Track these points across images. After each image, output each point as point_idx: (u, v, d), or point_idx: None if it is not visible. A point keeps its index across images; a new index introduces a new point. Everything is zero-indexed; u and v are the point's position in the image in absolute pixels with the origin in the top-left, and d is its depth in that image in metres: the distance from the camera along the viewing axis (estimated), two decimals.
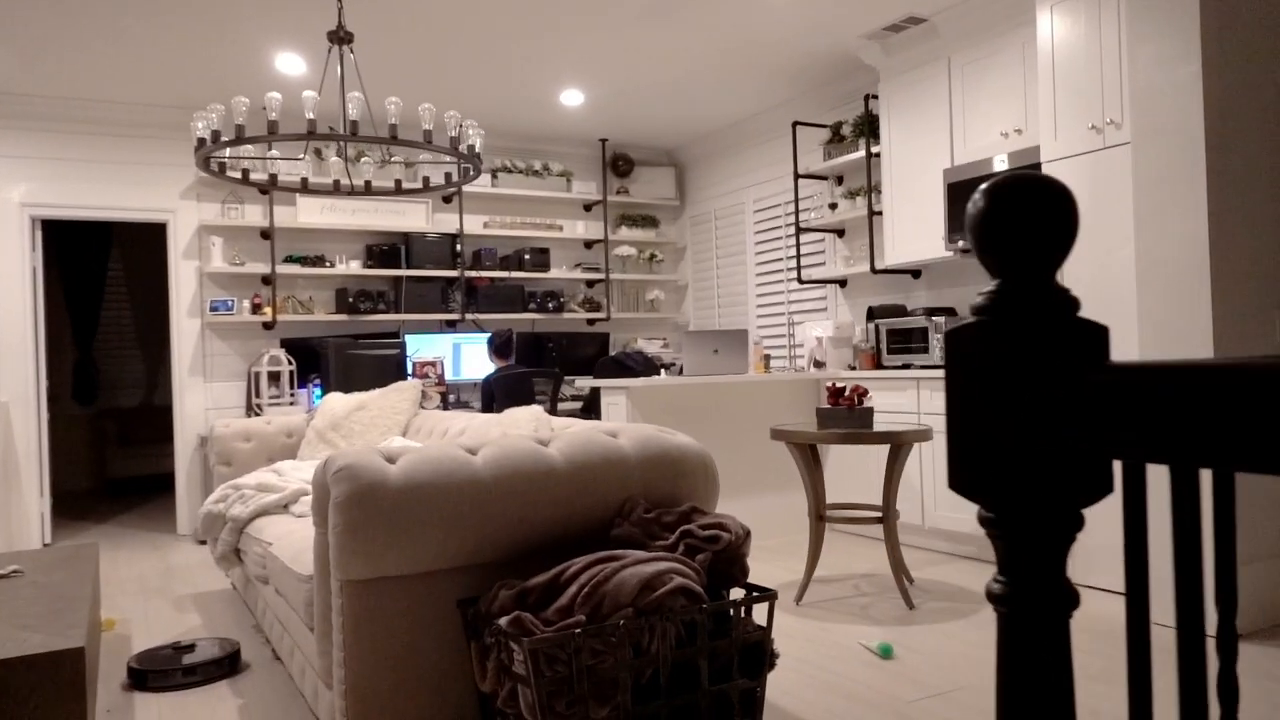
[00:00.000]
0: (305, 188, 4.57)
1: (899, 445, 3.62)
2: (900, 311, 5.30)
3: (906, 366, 4.95)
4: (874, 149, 5.25)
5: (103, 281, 8.62)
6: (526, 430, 2.59)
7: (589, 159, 7.17)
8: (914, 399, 4.61)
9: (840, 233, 5.89)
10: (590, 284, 7.21)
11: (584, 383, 5.15)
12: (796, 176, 5.80)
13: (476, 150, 4.05)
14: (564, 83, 5.56)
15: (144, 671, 3.09)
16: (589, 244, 7.18)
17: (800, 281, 5.87)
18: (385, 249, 6.31)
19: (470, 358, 6.66)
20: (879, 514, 3.66)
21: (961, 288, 5.09)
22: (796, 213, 5.85)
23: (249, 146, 5.45)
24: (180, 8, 4.22)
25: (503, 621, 1.85)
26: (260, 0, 4.14)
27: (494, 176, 6.65)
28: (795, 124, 5.78)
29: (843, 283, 5.87)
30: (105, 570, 4.93)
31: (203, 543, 5.59)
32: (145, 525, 6.36)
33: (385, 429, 4.07)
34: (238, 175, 4.17)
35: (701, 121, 6.57)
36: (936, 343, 4.78)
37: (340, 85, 3.95)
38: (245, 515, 3.28)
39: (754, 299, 6.69)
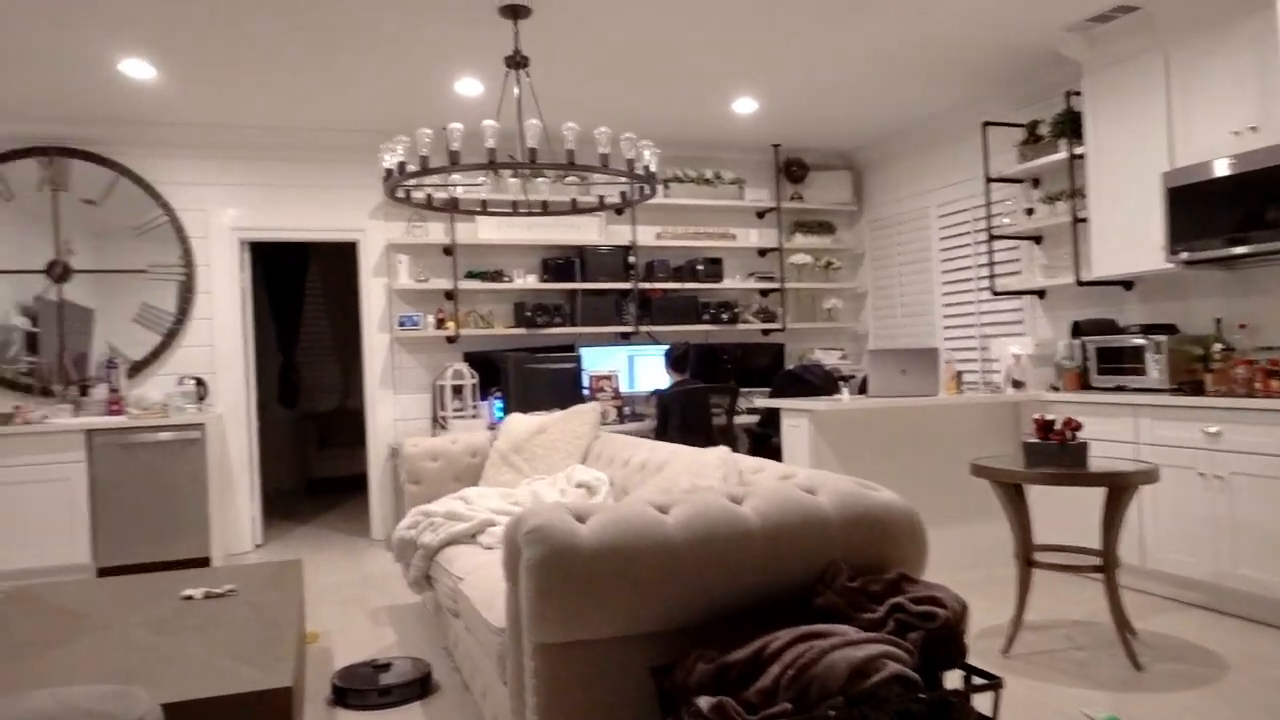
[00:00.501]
0: (484, 209, 4.65)
1: (1122, 488, 3.27)
2: (1111, 327, 4.84)
3: (1120, 389, 4.51)
4: (1077, 150, 4.81)
5: (302, 294, 9.20)
6: (715, 476, 2.48)
7: (761, 165, 6.99)
8: (1130, 428, 4.19)
9: (1038, 240, 5.45)
10: (764, 293, 7.04)
11: (764, 402, 5.00)
12: (988, 180, 5.41)
13: (652, 170, 3.98)
14: (737, 91, 5.42)
15: (345, 689, 3.22)
16: (762, 252, 7.02)
17: (994, 293, 5.49)
18: (560, 262, 6.38)
19: (644, 370, 6.64)
20: (1098, 561, 3.33)
21: (1182, 302, 4.59)
22: (989, 219, 5.47)
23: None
24: (366, 41, 4.37)
25: (703, 704, 1.75)
26: (441, 30, 4.22)
27: (665, 186, 6.59)
28: (985, 124, 5.39)
29: (1041, 294, 5.44)
30: (308, 574, 5.22)
31: None
32: (343, 527, 6.72)
33: (566, 454, 4.07)
34: (422, 200, 4.28)
35: (880, 123, 6.27)
36: (1155, 364, 4.33)
37: (517, 109, 3.98)
38: (435, 544, 3.34)
39: (940, 310, 6.32)
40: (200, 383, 5.71)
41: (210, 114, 5.53)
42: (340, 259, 9.21)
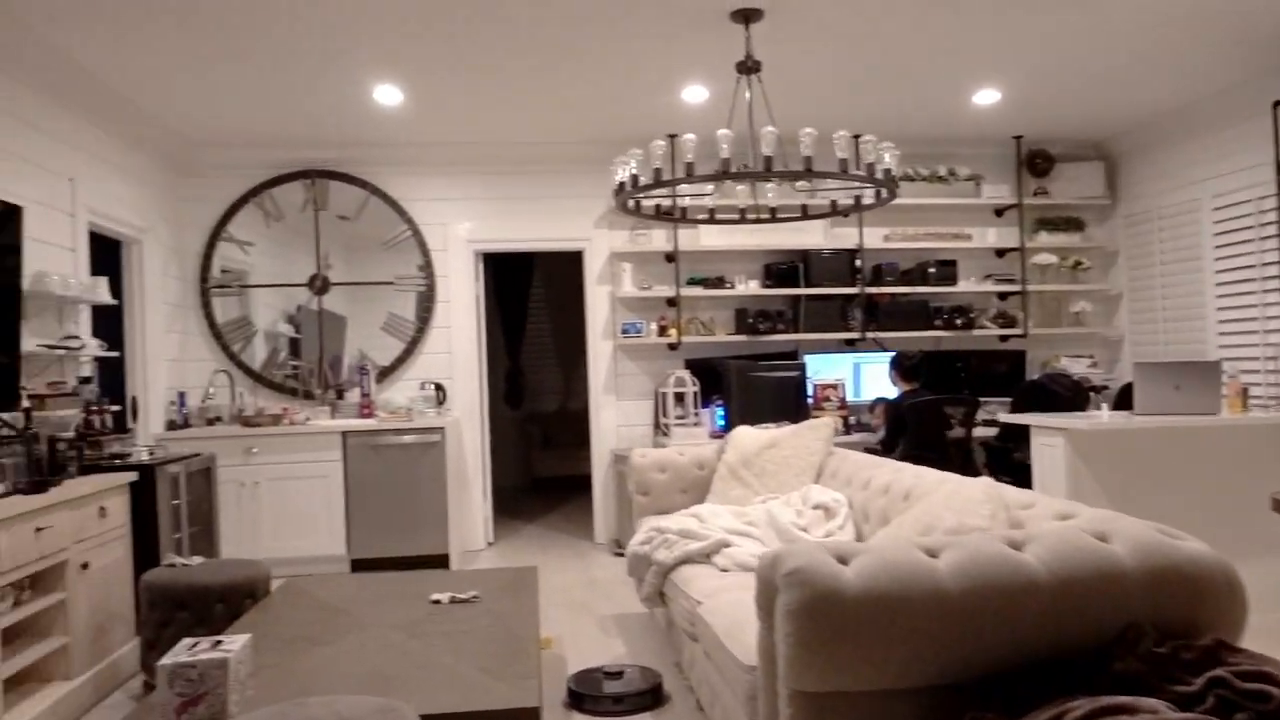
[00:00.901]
0: (712, 218, 4.57)
1: None
2: None
3: None
4: None
5: (527, 300, 9.56)
6: (982, 513, 2.25)
7: (999, 159, 6.51)
8: None
9: None
10: (1003, 296, 6.55)
11: (1010, 418, 4.62)
12: None
13: (892, 174, 3.75)
14: (978, 82, 5.04)
15: (580, 694, 3.25)
16: (1001, 253, 6.53)
17: None
18: (784, 267, 6.22)
19: (870, 379, 6.36)
20: None
21: None
22: (1279, 212, 4.79)
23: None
24: (594, 56, 4.41)
25: None
26: (668, 41, 4.18)
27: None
28: (1277, 104, 4.72)
29: None
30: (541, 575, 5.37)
31: (620, 553, 5.90)
32: (566, 528, 6.89)
33: (799, 470, 3.92)
34: (651, 211, 4.27)
35: (1140, 107, 5.64)
36: None
37: (749, 115, 3.86)
38: (669, 562, 3.30)
39: (1214, 316, 5.62)
40: (439, 388, 6.02)
41: (449, 133, 5.80)
42: (562, 266, 9.49)
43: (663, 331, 6.18)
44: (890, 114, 5.60)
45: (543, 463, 9.47)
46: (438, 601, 3.36)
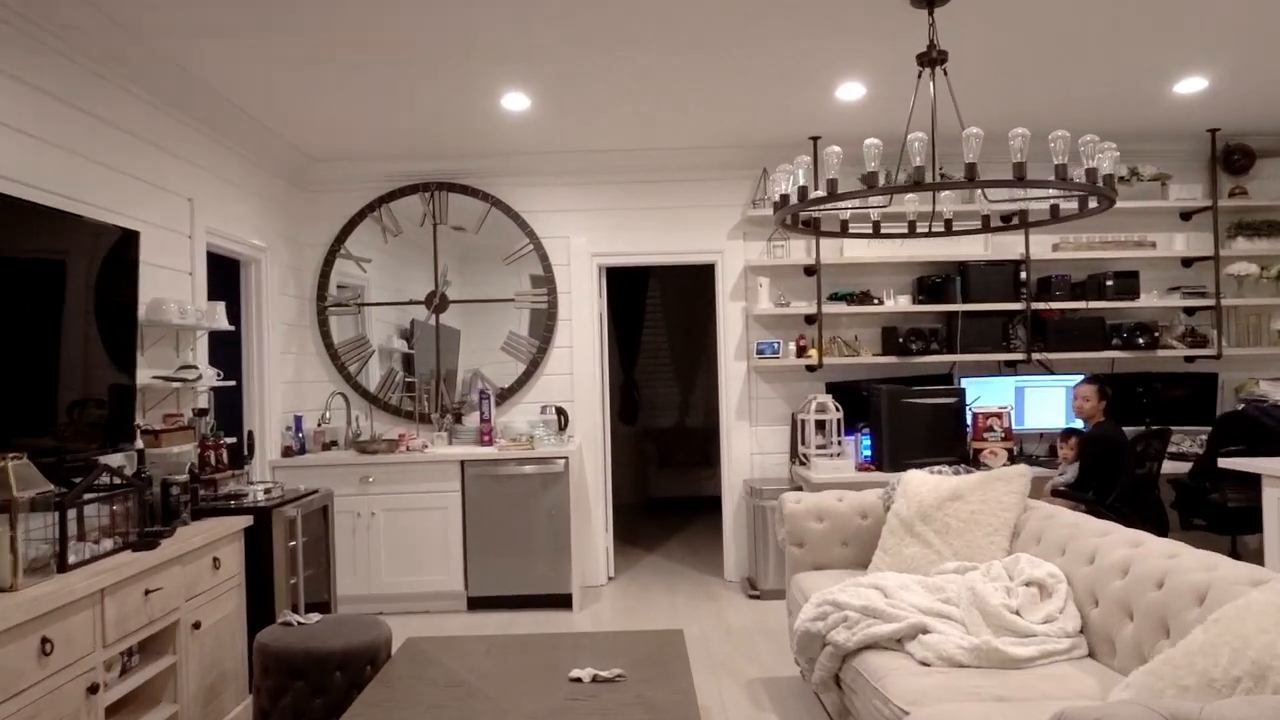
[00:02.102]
0: (877, 232, 4.03)
1: None
2: None
3: None
4: None
5: (643, 311, 9.14)
6: None
7: (1190, 156, 5.73)
8: None
9: None
10: (1190, 312, 5.77)
11: (1238, 463, 3.92)
12: None
13: (1113, 178, 3.14)
14: (1183, 69, 4.34)
15: None
16: (1187, 262, 5.76)
17: None
18: (937, 281, 5.60)
19: (1035, 405, 5.67)
20: None
21: None
22: None
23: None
24: (741, 54, 3.92)
25: None
26: (825, 31, 3.66)
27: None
28: None
29: None
30: (666, 618, 4.92)
31: (755, 595, 5.40)
32: (691, 561, 6.42)
33: (990, 530, 3.34)
34: (807, 225, 3.75)
35: None
36: None
37: (932, 112, 3.31)
38: (851, 646, 2.78)
39: None
40: (561, 412, 5.63)
41: (573, 140, 5.41)
42: (680, 276, 9.03)
43: (801, 352, 5.65)
44: (1071, 106, 4.92)
45: (659, 482, 9.02)
46: (578, 680, 2.93)
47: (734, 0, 3.36)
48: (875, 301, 5.63)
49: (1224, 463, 4.09)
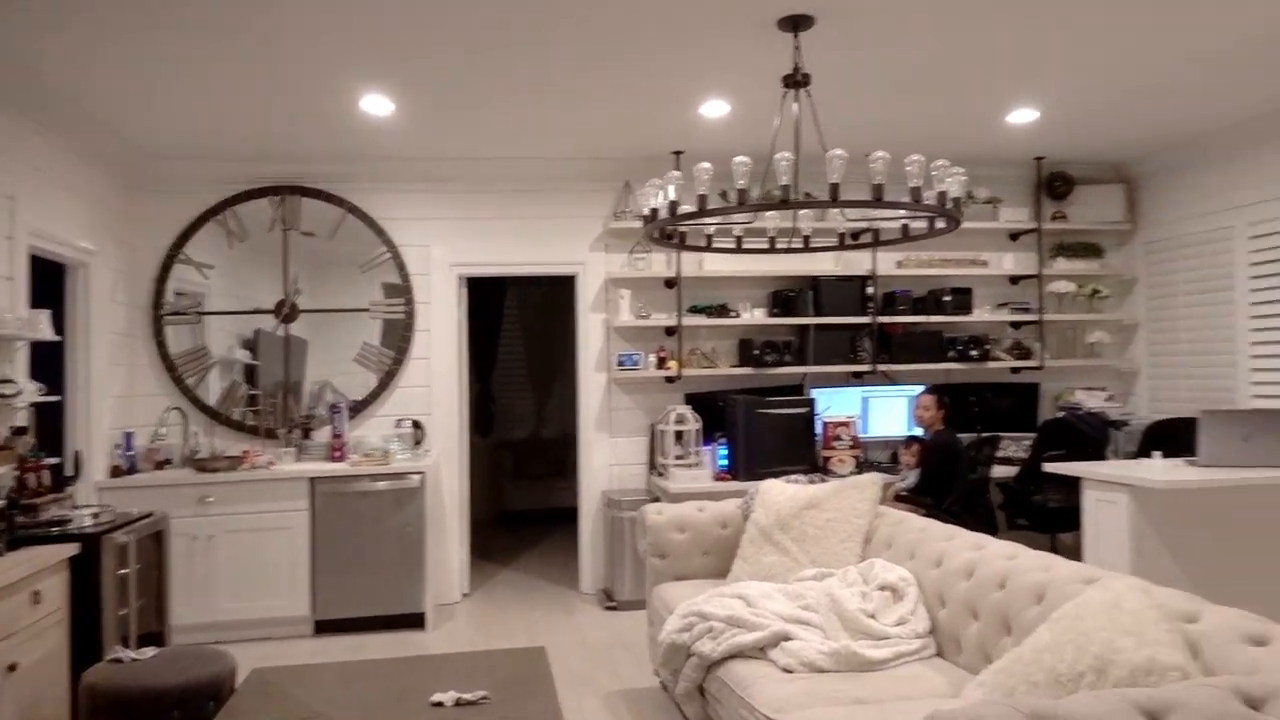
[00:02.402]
0: (740, 248, 4.12)
1: None
2: None
3: None
4: None
5: (500, 320, 9.02)
6: (1163, 638, 1.81)
7: (1018, 181, 6.16)
8: None
9: None
10: (1017, 326, 6.20)
11: (1061, 467, 4.22)
12: None
13: (960, 201, 3.33)
14: (1017, 100, 4.66)
15: None
16: (1015, 279, 6.18)
17: None
18: (792, 295, 5.79)
19: (880, 414, 5.95)
20: None
21: None
22: None
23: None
24: (608, 66, 3.94)
25: None
26: (689, 50, 3.73)
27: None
28: None
29: None
30: (524, 634, 4.85)
31: (611, 606, 5.40)
32: (547, 574, 6.36)
33: (844, 536, 3.47)
34: (676, 240, 3.80)
35: (1166, 129, 5.31)
36: None
37: (795, 134, 3.42)
38: (717, 655, 2.82)
39: (1247, 352, 5.31)
40: (417, 425, 5.48)
41: (436, 147, 5.28)
42: (538, 286, 8.98)
43: (661, 363, 5.71)
44: (919, 133, 5.20)
45: (514, 495, 8.92)
46: (440, 704, 2.84)
47: (600, 13, 3.37)
48: (733, 314, 5.77)
49: (1048, 467, 4.40)
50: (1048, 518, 5.32)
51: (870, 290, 5.86)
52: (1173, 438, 5.16)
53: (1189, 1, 3.43)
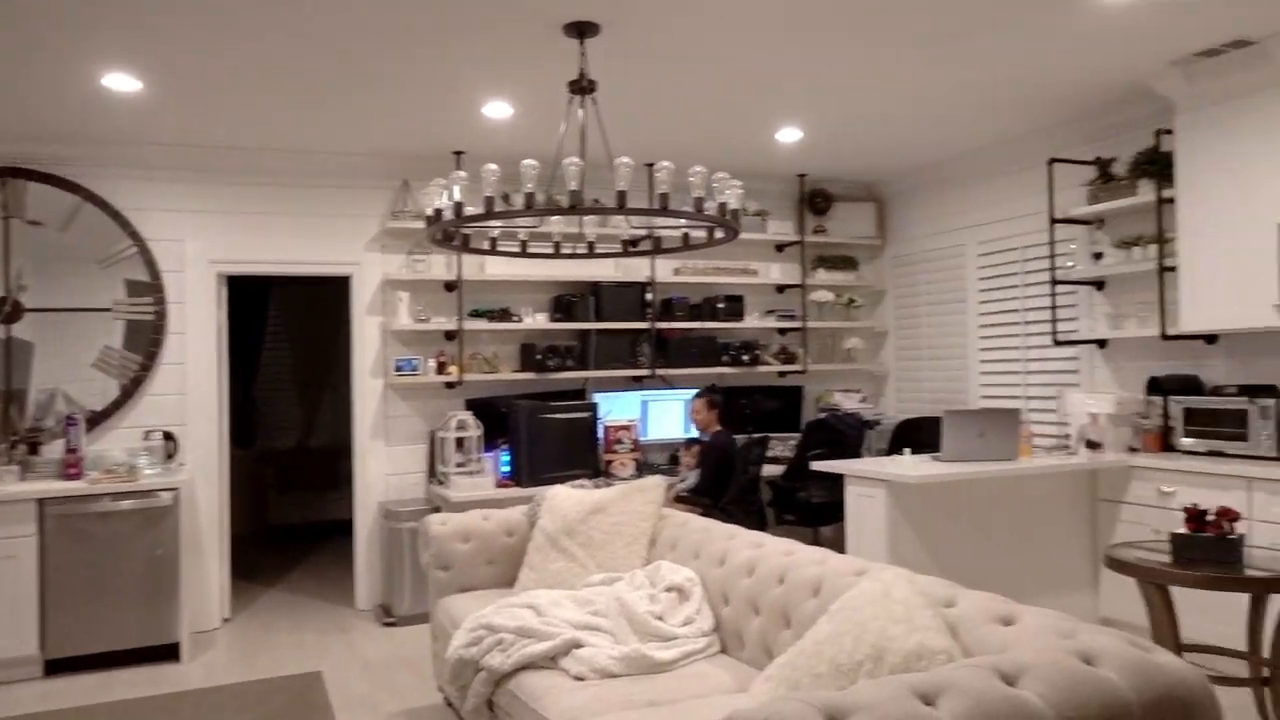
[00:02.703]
0: (524, 252, 4.09)
1: None
2: (1194, 385, 4.50)
3: (1215, 455, 4.15)
4: (1165, 193, 4.45)
5: (264, 322, 8.44)
6: (925, 620, 1.96)
7: (784, 196, 6.54)
8: (1242, 501, 3.81)
9: (1099, 285, 5.10)
10: (783, 332, 6.58)
11: (826, 466, 4.51)
12: (1053, 220, 5.05)
13: (738, 212, 3.48)
14: (786, 119, 4.95)
15: None
16: (780, 288, 6.56)
17: (1057, 342, 5.10)
18: (574, 300, 5.82)
19: (658, 417, 6.11)
20: (1264, 674, 2.91)
21: (1277, 360, 4.25)
22: (1053, 261, 5.09)
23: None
24: (385, 61, 3.78)
25: None
26: (473, 51, 3.65)
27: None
28: (1052, 160, 5.03)
29: (1102, 344, 5.08)
30: (296, 659, 4.54)
31: (390, 622, 5.18)
32: (318, 592, 6.01)
33: (631, 539, 3.52)
34: (459, 243, 3.70)
35: (910, 154, 5.85)
36: (1262, 430, 3.97)
37: (581, 140, 3.43)
38: (507, 668, 2.76)
39: (976, 356, 5.93)
40: (169, 437, 4.99)
41: (193, 134, 4.84)
42: (304, 286, 8.48)
43: (442, 368, 5.55)
44: (697, 144, 5.39)
45: (280, 509, 8.36)
46: None
47: (378, 5, 3.22)
48: (515, 319, 5.71)
49: (814, 465, 4.69)
50: (812, 513, 5.67)
51: (649, 296, 6.00)
52: (917, 436, 5.68)
53: (921, 50, 3.79)
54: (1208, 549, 2.98)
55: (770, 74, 4.14)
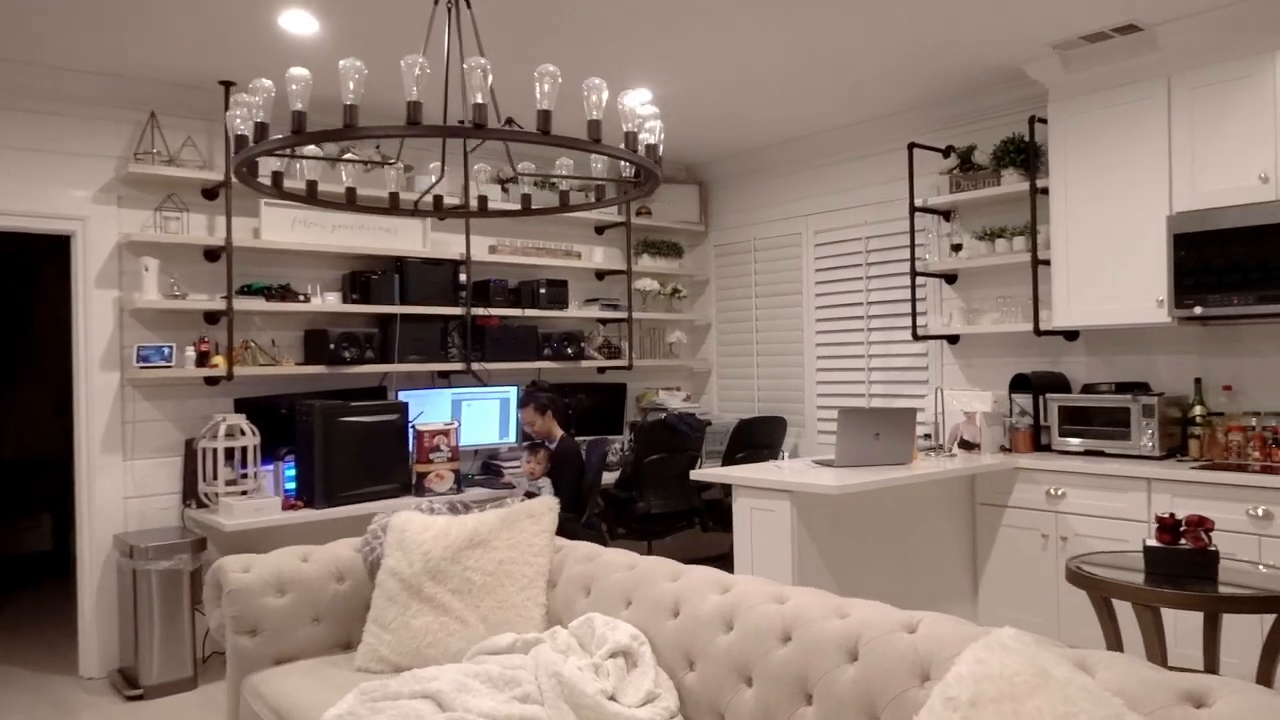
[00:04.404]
0: (352, 200, 3.11)
1: None
2: (1061, 381, 4.40)
3: (1094, 455, 4.04)
4: (1040, 182, 4.31)
5: None
6: (1102, 706, 1.39)
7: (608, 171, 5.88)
8: (1141, 504, 3.68)
9: (951, 279, 4.93)
10: (604, 323, 5.92)
11: (713, 474, 3.91)
12: (913, 210, 4.79)
13: (659, 153, 2.79)
14: (637, 79, 4.30)
15: None
16: (601, 275, 5.91)
17: (916, 337, 4.86)
18: (373, 277, 4.80)
19: (472, 419, 5.23)
20: None
21: (1143, 356, 4.23)
22: (912, 253, 4.83)
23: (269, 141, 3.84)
24: None
25: None
26: None
27: (504, 189, 5.26)
28: (912, 145, 4.77)
29: (953, 340, 4.92)
30: None
31: (135, 695, 3.92)
32: (22, 656, 4.52)
33: (526, 582, 2.70)
34: (267, 182, 2.68)
35: (739, 135, 5.43)
36: (1145, 429, 3.90)
37: (447, 54, 2.55)
38: None
39: (813, 352, 5.62)
40: None
41: None
42: None
43: (204, 359, 4.33)
44: (517, 101, 4.59)
45: None
46: None
47: None
48: (300, 298, 4.60)
49: (697, 474, 4.10)
50: (652, 524, 5.07)
51: (463, 278, 5.11)
52: (753, 438, 5.26)
53: (742, 26, 3.33)
54: (1185, 564, 2.71)
55: (625, 19, 3.47)
